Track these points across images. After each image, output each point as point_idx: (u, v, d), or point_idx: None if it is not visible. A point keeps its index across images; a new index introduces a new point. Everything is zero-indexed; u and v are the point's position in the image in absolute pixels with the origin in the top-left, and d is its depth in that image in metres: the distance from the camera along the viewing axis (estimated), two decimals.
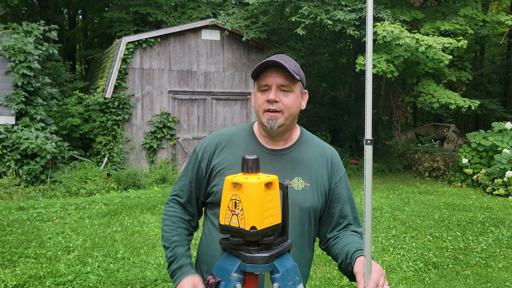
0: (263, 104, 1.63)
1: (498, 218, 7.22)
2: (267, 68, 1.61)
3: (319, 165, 1.73)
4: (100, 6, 20.64)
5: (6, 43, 9.74)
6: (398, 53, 10.30)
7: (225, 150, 1.73)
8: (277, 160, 1.70)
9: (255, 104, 1.69)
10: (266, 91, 1.63)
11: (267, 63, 1.59)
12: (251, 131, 1.77)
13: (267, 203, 1.13)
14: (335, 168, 1.78)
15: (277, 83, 1.60)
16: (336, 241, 1.71)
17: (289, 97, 1.63)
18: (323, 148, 1.80)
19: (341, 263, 1.60)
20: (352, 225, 1.76)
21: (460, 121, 23.68)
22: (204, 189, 1.76)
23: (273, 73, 1.61)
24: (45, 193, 8.76)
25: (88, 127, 11.30)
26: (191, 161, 1.80)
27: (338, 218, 1.76)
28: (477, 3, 12.51)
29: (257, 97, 1.67)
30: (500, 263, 5.18)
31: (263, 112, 1.64)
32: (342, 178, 1.79)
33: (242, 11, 12.13)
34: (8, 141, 9.07)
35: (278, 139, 1.72)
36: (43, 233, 6.06)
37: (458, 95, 11.26)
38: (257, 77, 1.65)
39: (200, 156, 1.76)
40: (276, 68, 1.60)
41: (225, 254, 1.21)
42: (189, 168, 1.80)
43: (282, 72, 1.60)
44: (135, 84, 11.21)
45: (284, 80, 1.60)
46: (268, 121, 1.62)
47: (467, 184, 10.67)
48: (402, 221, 7.02)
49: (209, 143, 1.77)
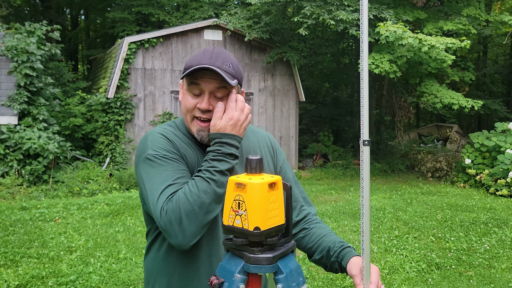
0: (193, 110, 1.43)
1: (501, 219, 7.20)
2: (200, 70, 1.40)
3: (262, 153, 1.63)
4: (103, 7, 20.70)
5: (8, 43, 9.77)
6: (401, 53, 10.28)
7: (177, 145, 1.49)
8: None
9: (182, 105, 1.47)
10: (198, 96, 1.42)
11: (198, 68, 1.38)
12: (186, 129, 1.52)
13: (271, 204, 1.12)
14: (276, 152, 1.68)
15: (210, 89, 1.41)
16: (305, 234, 1.62)
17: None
18: (260, 134, 1.69)
19: (321, 258, 1.52)
20: (304, 206, 1.68)
21: (463, 121, 23.64)
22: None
23: (206, 77, 1.40)
24: (47, 193, 8.78)
25: (91, 127, 11.32)
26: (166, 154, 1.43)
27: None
28: (480, 3, 12.48)
29: (186, 98, 1.45)
30: (504, 264, 5.16)
31: (192, 118, 1.44)
32: (284, 160, 1.71)
33: (244, 11, 12.13)
34: (11, 141, 9.09)
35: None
36: (46, 233, 6.07)
37: (461, 96, 11.23)
38: (190, 74, 1.41)
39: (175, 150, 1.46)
40: (210, 71, 1.38)
41: (229, 254, 1.20)
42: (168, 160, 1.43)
43: (217, 76, 1.39)
44: (138, 84, 11.22)
45: (218, 84, 1.40)
46: (198, 132, 1.44)
47: (470, 184, 10.64)
48: (405, 222, 7.01)
49: (166, 139, 1.46)
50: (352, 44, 16.21)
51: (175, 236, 1.28)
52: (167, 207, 1.28)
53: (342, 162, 13.20)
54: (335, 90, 19.60)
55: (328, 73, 16.92)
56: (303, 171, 12.57)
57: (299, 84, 12.75)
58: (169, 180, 1.35)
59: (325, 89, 19.39)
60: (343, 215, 7.45)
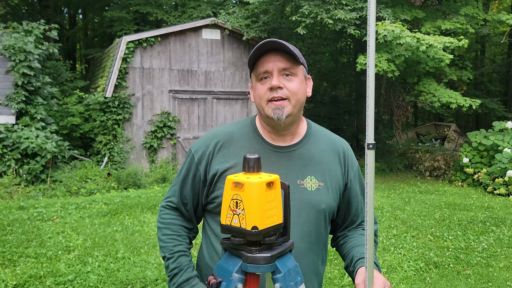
0: (266, 94, 1.44)
1: (499, 218, 7.21)
2: (264, 54, 1.43)
3: (331, 161, 1.57)
4: (101, 6, 20.64)
5: (6, 42, 9.74)
6: (399, 53, 10.28)
7: (225, 150, 1.52)
8: (286, 158, 1.52)
9: (255, 97, 1.49)
10: (267, 78, 1.44)
11: (265, 46, 1.41)
12: (254, 126, 1.57)
13: (269, 203, 1.12)
14: (348, 163, 1.62)
15: (279, 68, 1.42)
16: (345, 240, 1.62)
17: (294, 82, 1.44)
18: (334, 142, 1.63)
19: (347, 267, 1.54)
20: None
21: (461, 120, 23.66)
22: (204, 195, 1.57)
23: (272, 58, 1.42)
24: (45, 193, 8.76)
25: (89, 126, 11.29)
26: (186, 163, 1.60)
27: (352, 217, 1.64)
28: (478, 2, 12.50)
29: (257, 88, 1.47)
30: (501, 262, 5.17)
31: (267, 102, 1.44)
32: (356, 173, 1.64)
33: (242, 10, 12.12)
34: (9, 141, 9.07)
35: (285, 133, 1.53)
36: (44, 232, 6.05)
37: (459, 95, 11.24)
38: (254, 66, 1.47)
39: (197, 158, 1.55)
40: (274, 52, 1.43)
41: (226, 254, 1.20)
42: (184, 171, 1.59)
43: (282, 55, 1.42)
44: (136, 83, 11.20)
45: (286, 64, 1.42)
46: (274, 111, 1.43)
47: (468, 183, 10.66)
48: (403, 221, 7.01)
49: (207, 143, 1.56)
50: (351, 43, 16.21)
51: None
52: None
53: None
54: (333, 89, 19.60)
55: (327, 72, 16.91)
56: None
57: None
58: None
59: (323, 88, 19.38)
60: None
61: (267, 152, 1.51)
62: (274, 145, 1.53)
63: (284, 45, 1.40)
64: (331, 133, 1.67)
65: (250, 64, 1.47)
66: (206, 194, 1.55)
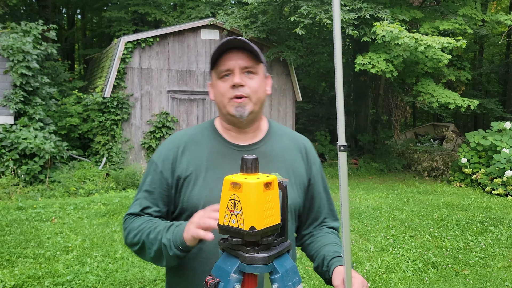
0: (227, 92, 1.43)
1: (497, 218, 7.23)
2: (225, 52, 1.43)
3: (294, 158, 1.58)
4: (99, 6, 20.64)
5: (4, 43, 9.72)
6: (397, 53, 10.30)
7: (188, 153, 1.50)
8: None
9: (216, 95, 1.48)
10: (228, 76, 1.44)
11: (226, 44, 1.41)
12: (213, 128, 1.57)
13: (267, 203, 1.12)
14: (310, 159, 1.62)
15: (241, 66, 1.42)
16: (311, 240, 1.61)
17: (255, 80, 1.45)
18: (296, 139, 1.64)
19: (317, 267, 1.51)
20: (327, 218, 1.66)
21: (459, 120, 23.70)
22: (174, 203, 1.51)
23: (234, 56, 1.43)
24: (43, 193, 8.75)
25: (87, 126, 11.29)
26: (148, 174, 1.53)
27: (315, 213, 1.64)
28: (476, 3, 12.52)
29: (218, 86, 1.46)
30: (500, 262, 5.18)
31: (229, 100, 1.44)
32: (319, 169, 1.65)
33: (241, 11, 12.13)
34: (7, 141, 9.05)
35: (247, 131, 1.53)
36: (42, 233, 6.05)
37: (457, 95, 11.27)
38: (215, 64, 1.46)
39: (161, 166, 1.50)
40: (236, 50, 1.43)
41: (224, 254, 1.20)
42: (149, 182, 1.51)
43: (244, 53, 1.43)
44: (134, 83, 11.20)
45: (248, 62, 1.43)
46: (237, 109, 1.43)
47: (466, 183, 10.68)
48: (401, 221, 7.02)
49: (169, 148, 1.52)
50: (349, 44, 16.23)
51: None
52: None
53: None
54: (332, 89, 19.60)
55: (325, 72, 16.92)
56: None
57: (295, 83, 12.76)
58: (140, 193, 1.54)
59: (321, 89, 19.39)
60: (339, 214, 7.45)
61: (231, 151, 1.51)
62: (237, 144, 1.53)
63: (246, 43, 1.41)
64: (291, 131, 1.69)
65: (211, 62, 1.46)
66: (175, 202, 1.51)
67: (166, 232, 1.36)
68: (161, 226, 1.40)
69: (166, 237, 1.34)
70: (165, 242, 1.33)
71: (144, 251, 1.43)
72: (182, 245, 1.30)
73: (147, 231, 1.40)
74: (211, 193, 1.44)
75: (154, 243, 1.37)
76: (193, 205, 1.45)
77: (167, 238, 1.34)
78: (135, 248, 1.46)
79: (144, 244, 1.42)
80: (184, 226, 1.32)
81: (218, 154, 1.50)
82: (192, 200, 1.45)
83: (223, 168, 1.46)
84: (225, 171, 1.40)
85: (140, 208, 1.50)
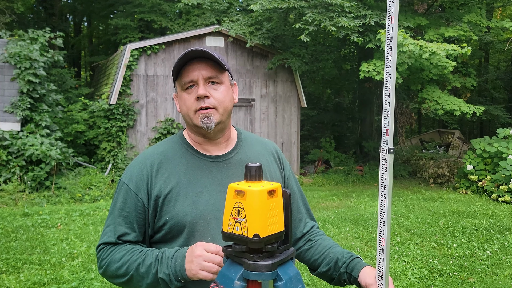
0: (193, 104, 1.40)
1: (503, 225, 7.17)
2: (188, 63, 1.40)
3: (269, 162, 1.58)
4: (105, 13, 20.83)
5: (12, 50, 9.83)
6: (402, 60, 10.29)
7: (164, 171, 1.44)
8: (225, 166, 1.49)
9: (181, 107, 1.45)
10: (192, 87, 1.41)
11: (188, 55, 1.38)
12: (184, 141, 1.52)
13: (270, 211, 1.13)
14: (283, 162, 1.64)
15: (204, 76, 1.40)
16: (309, 245, 1.61)
17: (220, 90, 1.42)
18: (266, 144, 1.65)
19: (328, 270, 1.52)
20: (307, 218, 1.67)
21: (465, 127, 23.60)
22: (151, 225, 1.44)
23: (197, 66, 1.39)
24: (49, 200, 8.79)
25: (93, 133, 11.35)
26: (119, 197, 1.45)
27: (297, 215, 1.64)
28: (481, 10, 12.51)
29: (183, 98, 1.43)
30: (506, 270, 5.14)
31: (194, 112, 1.41)
32: (290, 171, 1.67)
33: (246, 18, 12.19)
34: (13, 148, 9.12)
35: (219, 141, 1.51)
36: (48, 239, 6.07)
37: (462, 102, 11.22)
38: (178, 75, 1.43)
39: (133, 187, 1.43)
40: (199, 60, 1.40)
41: (228, 261, 1.21)
42: (120, 206, 1.44)
43: (207, 62, 1.40)
44: (140, 90, 11.26)
45: (211, 72, 1.40)
46: (203, 120, 1.40)
47: (472, 190, 10.61)
48: (406, 228, 6.99)
49: (140, 168, 1.45)
50: (354, 51, 16.26)
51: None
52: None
53: (344, 168, 13.19)
54: (336, 96, 19.64)
55: (330, 79, 16.95)
56: (304, 177, 12.56)
57: (300, 90, 12.78)
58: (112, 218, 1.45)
59: (326, 95, 19.42)
60: (345, 221, 7.43)
61: (206, 164, 1.49)
62: (210, 155, 1.50)
63: (207, 53, 1.38)
64: (258, 136, 1.70)
65: (174, 73, 1.44)
66: (153, 223, 1.44)
67: (160, 264, 1.32)
68: (149, 257, 1.35)
69: (163, 272, 1.31)
70: (163, 277, 1.31)
71: (132, 284, 1.38)
72: (184, 278, 1.30)
73: (135, 264, 1.35)
74: (195, 208, 1.42)
75: (145, 276, 1.33)
76: (179, 222, 1.41)
77: (165, 272, 1.30)
78: (120, 280, 1.40)
79: (132, 277, 1.36)
80: (181, 257, 1.31)
81: (194, 168, 1.47)
82: (177, 217, 1.41)
83: (202, 181, 1.45)
84: (205, 184, 1.43)
85: (116, 236, 1.42)
